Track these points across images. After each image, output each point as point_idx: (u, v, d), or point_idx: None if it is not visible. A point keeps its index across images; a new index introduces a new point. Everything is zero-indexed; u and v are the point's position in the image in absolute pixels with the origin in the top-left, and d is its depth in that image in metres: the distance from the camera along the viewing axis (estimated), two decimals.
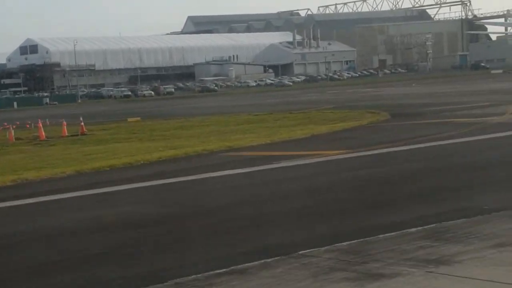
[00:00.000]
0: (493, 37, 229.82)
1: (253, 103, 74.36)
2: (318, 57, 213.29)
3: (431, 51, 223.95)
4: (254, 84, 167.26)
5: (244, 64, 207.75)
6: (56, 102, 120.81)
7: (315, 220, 12.87)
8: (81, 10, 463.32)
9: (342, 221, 12.61)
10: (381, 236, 10.80)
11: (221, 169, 21.42)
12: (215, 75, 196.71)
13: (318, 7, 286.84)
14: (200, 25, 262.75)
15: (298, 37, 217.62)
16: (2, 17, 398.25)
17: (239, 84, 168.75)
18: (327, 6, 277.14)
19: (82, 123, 40.51)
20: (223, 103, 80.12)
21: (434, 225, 11.41)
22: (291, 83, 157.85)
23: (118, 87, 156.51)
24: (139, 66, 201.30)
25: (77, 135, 38.45)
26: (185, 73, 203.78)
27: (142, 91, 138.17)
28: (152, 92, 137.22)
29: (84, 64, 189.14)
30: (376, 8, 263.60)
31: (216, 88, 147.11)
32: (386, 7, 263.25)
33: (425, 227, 11.28)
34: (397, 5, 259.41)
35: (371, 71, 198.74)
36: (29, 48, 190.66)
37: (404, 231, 11.05)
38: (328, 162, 21.83)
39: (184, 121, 46.92)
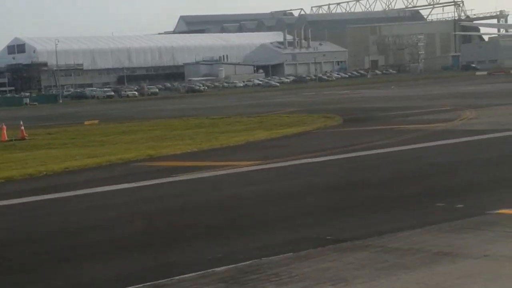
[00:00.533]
0: (487, 38, 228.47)
1: (226, 105, 72.95)
2: (309, 58, 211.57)
3: (423, 52, 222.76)
4: (242, 85, 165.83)
5: (234, 64, 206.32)
6: (36, 103, 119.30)
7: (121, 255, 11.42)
8: (74, 11, 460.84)
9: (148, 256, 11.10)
10: (176, 278, 9.37)
11: (116, 182, 20.06)
12: (204, 75, 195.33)
13: (311, 7, 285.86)
14: (193, 24, 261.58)
15: (289, 37, 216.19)
16: None
17: (227, 85, 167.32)
18: (320, 6, 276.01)
19: (22, 128, 39.09)
20: (197, 105, 78.72)
21: (249, 262, 9.97)
22: (278, 84, 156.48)
23: (102, 88, 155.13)
24: (127, 66, 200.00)
25: (14, 140, 37.04)
26: (175, 73, 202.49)
27: (125, 91, 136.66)
28: (136, 93, 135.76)
29: (72, 63, 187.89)
30: (369, 9, 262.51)
31: (202, 88, 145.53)
32: (379, 7, 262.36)
33: (236, 265, 9.84)
34: (390, 6, 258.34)
35: (361, 72, 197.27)
36: (16, 48, 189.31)
37: (207, 270, 9.61)
38: (229, 175, 20.44)
39: (135, 125, 45.56)
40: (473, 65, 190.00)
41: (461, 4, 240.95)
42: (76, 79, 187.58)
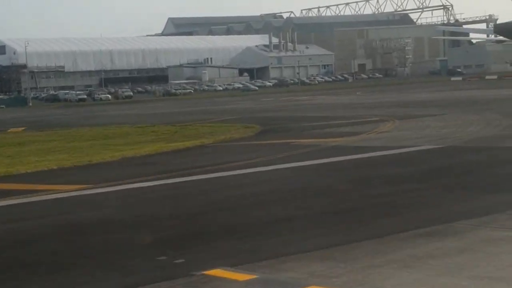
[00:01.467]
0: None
1: (173, 111, 71.01)
2: (295, 61, 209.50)
3: (410, 56, 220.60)
4: (221, 88, 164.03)
5: (218, 67, 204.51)
6: (3, 106, 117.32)
7: None
8: (61, 12, 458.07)
9: None
10: None
11: None
12: (188, 78, 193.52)
13: (301, 10, 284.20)
14: (181, 26, 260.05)
15: (275, 40, 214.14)
16: None
17: (207, 88, 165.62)
18: (310, 9, 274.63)
19: None
20: (149, 110, 76.92)
21: None
22: (257, 88, 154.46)
23: (82, 90, 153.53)
24: (110, 68, 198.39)
25: None
26: (159, 76, 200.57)
27: (98, 94, 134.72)
28: (110, 96, 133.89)
29: (53, 65, 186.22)
30: (359, 12, 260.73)
31: (177, 92, 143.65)
32: (368, 11, 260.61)
33: None
34: (379, 9, 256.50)
35: (346, 75, 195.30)
36: None
37: None
38: (31, 204, 18.53)
39: (48, 134, 43.76)
40: (459, 70, 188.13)
41: (450, 8, 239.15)
42: (58, 81, 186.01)
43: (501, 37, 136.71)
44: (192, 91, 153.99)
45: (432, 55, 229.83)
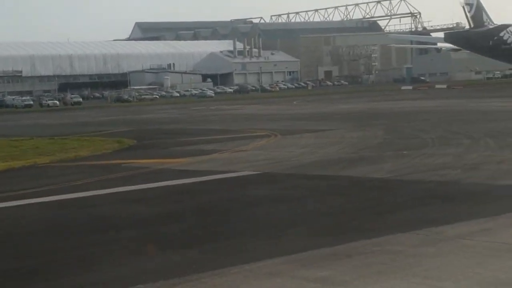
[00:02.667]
0: None
1: (90, 120, 68.43)
2: (260, 67, 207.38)
3: (376, 64, 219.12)
4: (178, 95, 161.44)
5: (180, 72, 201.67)
6: None
7: None
8: (29, 16, 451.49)
9: None
10: None
11: None
12: (150, 84, 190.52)
13: (271, 15, 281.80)
14: (148, 31, 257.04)
15: (239, 46, 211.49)
16: None
17: (165, 94, 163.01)
18: (279, 15, 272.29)
19: None
20: (75, 119, 74.42)
21: None
22: (213, 94, 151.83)
23: (22, 97, 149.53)
24: (70, 73, 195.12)
25: None
26: (120, 81, 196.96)
27: (46, 100, 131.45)
28: (57, 102, 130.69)
29: (10, 70, 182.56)
30: (328, 19, 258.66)
31: (130, 98, 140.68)
32: (337, 17, 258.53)
33: None
34: (348, 16, 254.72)
35: (308, 82, 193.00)
36: None
37: None
38: None
39: None
40: (422, 78, 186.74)
41: (418, 16, 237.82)
42: (15, 86, 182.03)
43: (449, 45, 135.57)
44: (158, 96, 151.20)
45: (400, 62, 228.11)
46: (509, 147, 28.03)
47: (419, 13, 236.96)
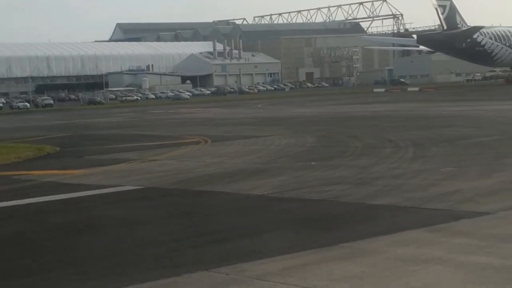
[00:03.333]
0: None
1: (42, 124, 66.51)
2: (241, 68, 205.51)
3: (358, 65, 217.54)
4: (154, 97, 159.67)
5: (159, 74, 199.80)
6: None
7: None
8: (10, 18, 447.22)
9: None
10: None
11: None
12: (128, 86, 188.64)
13: (254, 17, 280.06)
14: (129, 32, 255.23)
15: (220, 48, 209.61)
16: None
17: (140, 96, 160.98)
18: (262, 16, 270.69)
19: None
20: (28, 122, 72.44)
21: None
22: (188, 97, 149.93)
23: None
24: (47, 75, 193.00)
25: None
26: (98, 83, 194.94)
27: (17, 103, 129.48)
28: (28, 104, 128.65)
29: None
30: (310, 20, 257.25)
31: (102, 100, 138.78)
32: (320, 19, 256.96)
33: None
34: (330, 17, 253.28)
35: (288, 84, 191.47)
36: None
37: None
38: None
39: None
40: (402, 80, 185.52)
41: (400, 17, 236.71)
42: None
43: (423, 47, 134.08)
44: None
45: (383, 64, 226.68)
46: (423, 158, 26.50)
47: (401, 15, 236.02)
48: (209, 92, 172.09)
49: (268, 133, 41.99)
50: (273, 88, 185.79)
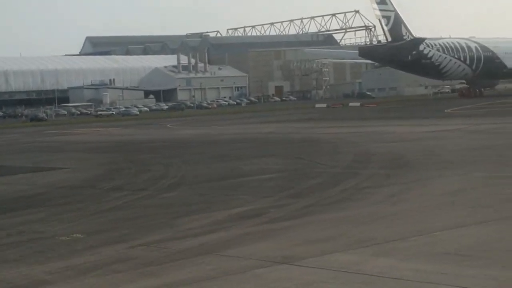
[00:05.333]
0: None
1: None
2: (206, 82, 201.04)
3: (327, 78, 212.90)
4: (108, 113, 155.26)
5: (121, 88, 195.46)
6: None
7: None
8: None
9: None
10: None
11: None
12: (90, 100, 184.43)
13: (227, 29, 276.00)
14: (99, 45, 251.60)
15: (185, 61, 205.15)
16: None
17: (89, 112, 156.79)
18: (236, 29, 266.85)
19: None
20: None
21: None
22: (137, 112, 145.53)
23: None
24: (5, 90, 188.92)
25: None
26: (60, 98, 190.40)
27: None
28: None
29: None
30: (283, 32, 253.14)
31: (45, 117, 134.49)
32: (293, 31, 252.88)
33: None
34: (303, 29, 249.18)
35: (252, 99, 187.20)
36: None
37: None
38: None
39: None
40: (368, 93, 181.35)
41: (372, 29, 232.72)
42: None
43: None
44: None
45: (354, 77, 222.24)
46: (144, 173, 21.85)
47: (374, 26, 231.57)
48: (167, 107, 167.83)
49: (59, 164, 37.40)
50: (235, 103, 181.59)
